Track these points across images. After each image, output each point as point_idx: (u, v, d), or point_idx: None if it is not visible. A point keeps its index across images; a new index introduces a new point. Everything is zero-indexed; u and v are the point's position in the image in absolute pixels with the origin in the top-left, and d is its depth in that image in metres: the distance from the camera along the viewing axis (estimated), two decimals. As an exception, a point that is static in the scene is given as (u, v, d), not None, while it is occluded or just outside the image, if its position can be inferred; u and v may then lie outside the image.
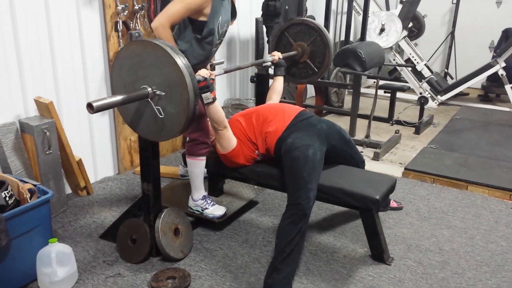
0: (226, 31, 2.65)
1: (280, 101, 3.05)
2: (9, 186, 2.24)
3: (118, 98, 1.87)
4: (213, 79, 2.36)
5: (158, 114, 1.98)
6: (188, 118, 1.95)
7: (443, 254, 2.59)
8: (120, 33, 3.25)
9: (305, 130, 2.42)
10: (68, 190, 3.17)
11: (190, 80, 1.90)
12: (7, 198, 2.18)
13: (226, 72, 2.56)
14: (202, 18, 2.47)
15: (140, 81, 1.99)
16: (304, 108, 2.66)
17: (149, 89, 1.97)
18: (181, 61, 1.90)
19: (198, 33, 2.51)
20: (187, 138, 2.69)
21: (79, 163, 3.07)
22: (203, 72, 2.29)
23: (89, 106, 1.74)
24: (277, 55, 2.99)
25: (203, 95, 2.27)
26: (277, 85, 2.97)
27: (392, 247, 2.63)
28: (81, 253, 2.50)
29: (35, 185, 2.35)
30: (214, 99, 2.34)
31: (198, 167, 2.67)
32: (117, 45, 3.27)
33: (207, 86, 2.27)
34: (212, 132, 2.65)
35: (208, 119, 2.59)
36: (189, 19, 2.48)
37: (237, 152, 2.52)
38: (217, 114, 2.38)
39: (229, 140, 2.48)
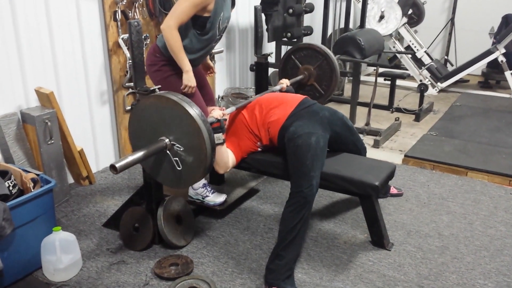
0: (226, 27, 2.66)
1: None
2: (12, 175, 2.26)
3: (139, 154, 1.94)
4: (226, 119, 2.39)
5: (176, 166, 2.04)
6: (206, 168, 2.03)
7: (442, 239, 2.62)
8: (119, 23, 3.25)
9: (307, 118, 2.43)
10: (71, 179, 3.19)
11: (206, 130, 1.97)
12: (11, 188, 2.20)
13: (237, 109, 2.60)
14: (205, 14, 2.47)
15: (158, 132, 2.04)
16: (306, 96, 2.67)
17: (167, 140, 2.02)
18: (195, 113, 1.95)
19: (198, 29, 2.51)
20: None
21: (81, 153, 3.09)
22: (216, 114, 2.32)
23: (113, 168, 1.81)
24: (285, 82, 2.99)
25: (215, 135, 2.27)
26: None
27: (392, 233, 2.66)
28: (84, 242, 2.53)
29: (38, 175, 2.37)
30: (224, 140, 2.37)
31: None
32: (116, 35, 3.27)
33: (220, 127, 2.30)
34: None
35: (201, 97, 2.62)
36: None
37: (234, 164, 2.53)
38: (222, 155, 2.39)
39: (227, 167, 2.48)
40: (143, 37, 2.48)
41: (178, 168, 2.05)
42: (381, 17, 5.51)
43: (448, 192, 3.18)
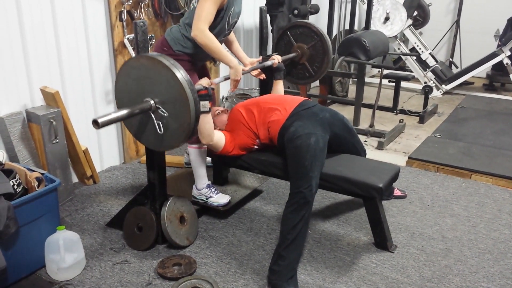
0: (235, 22, 2.66)
1: (284, 92, 3.07)
2: (17, 174, 2.27)
3: (123, 112, 1.93)
4: (213, 89, 2.40)
5: (158, 130, 2.04)
6: (188, 135, 2.03)
7: (446, 242, 2.61)
8: (124, 23, 3.26)
9: (307, 119, 2.43)
10: (75, 179, 3.20)
11: (192, 95, 1.96)
12: (15, 186, 2.21)
13: (226, 79, 2.62)
14: (218, 8, 2.48)
15: (145, 93, 2.04)
16: (306, 98, 2.67)
17: (152, 102, 2.02)
18: (182, 77, 1.94)
19: None
20: None
21: (85, 152, 3.10)
22: (204, 82, 2.34)
23: (95, 123, 1.81)
24: (277, 59, 3.00)
25: (202, 103, 2.29)
26: (279, 88, 3.01)
27: (396, 235, 2.65)
28: (88, 241, 2.54)
29: (42, 174, 2.38)
30: (210, 109, 2.39)
31: (200, 155, 2.70)
32: (122, 35, 3.28)
33: (208, 94, 2.32)
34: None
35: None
36: None
37: (228, 148, 2.55)
38: (206, 125, 2.41)
39: (217, 145, 2.52)
40: (148, 37, 2.48)
41: (159, 132, 2.04)
42: (386, 19, 5.50)
43: (452, 194, 3.18)
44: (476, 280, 2.28)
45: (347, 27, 5.34)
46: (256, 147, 2.62)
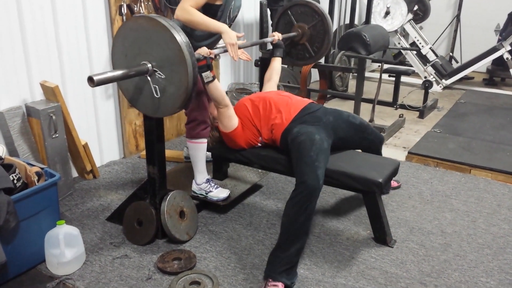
0: (236, 16, 2.64)
1: (284, 86, 3.06)
2: (17, 169, 2.27)
3: (119, 72, 1.88)
4: (213, 58, 2.35)
5: (155, 93, 1.99)
6: (186, 97, 1.97)
7: (445, 236, 2.61)
8: (124, 17, 3.25)
9: (311, 123, 2.43)
10: (75, 173, 3.20)
11: (190, 58, 1.90)
12: (15, 181, 2.21)
13: (225, 51, 2.53)
14: (218, 2, 2.46)
15: (142, 56, 1.99)
16: (312, 101, 2.66)
17: (149, 65, 1.97)
18: (181, 39, 1.88)
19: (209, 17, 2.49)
20: (186, 120, 2.70)
21: (85, 147, 3.10)
22: (203, 51, 2.28)
23: (90, 80, 1.76)
24: (277, 36, 2.98)
25: (203, 74, 2.27)
26: (276, 65, 2.99)
27: (395, 229, 2.66)
28: (88, 235, 2.55)
29: (42, 168, 2.38)
30: (214, 77, 2.35)
31: (199, 150, 2.69)
32: (121, 29, 3.27)
33: (207, 65, 2.27)
34: (214, 113, 2.67)
35: (206, 97, 2.61)
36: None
37: (238, 133, 2.53)
38: (217, 91, 2.39)
39: (230, 119, 2.49)
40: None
41: (156, 96, 2.00)
42: (387, 13, 5.49)
43: (451, 189, 3.18)
44: (475, 275, 2.29)
45: (347, 21, 5.32)
46: (259, 144, 2.61)
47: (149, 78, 2.00)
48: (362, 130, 2.65)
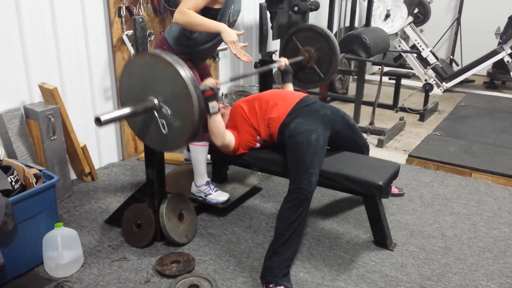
0: (236, 20, 2.64)
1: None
2: (15, 171, 2.26)
3: (126, 111, 1.91)
4: (219, 88, 2.36)
5: (162, 129, 2.00)
6: (192, 134, 1.98)
7: (445, 240, 2.60)
8: (123, 19, 3.24)
9: (308, 116, 2.42)
10: (73, 176, 3.19)
11: (195, 92, 1.91)
12: (13, 183, 2.20)
13: (232, 80, 2.55)
14: (216, 6, 2.45)
15: (148, 91, 2.00)
16: (307, 94, 2.66)
17: (156, 100, 1.98)
18: (186, 74, 1.90)
19: None
20: None
21: (84, 149, 3.09)
22: (210, 82, 2.30)
23: (97, 120, 1.79)
24: (284, 61, 2.96)
25: (210, 104, 2.27)
26: (289, 90, 2.96)
27: (395, 233, 2.64)
28: (86, 238, 2.53)
29: (40, 170, 2.37)
30: (219, 109, 2.36)
31: (200, 153, 2.68)
32: (121, 31, 3.26)
33: (214, 95, 2.28)
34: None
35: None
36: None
37: (236, 148, 2.52)
38: (218, 126, 2.37)
39: (229, 145, 2.47)
40: (147, 33, 2.47)
41: (163, 131, 2.01)
42: (387, 16, 5.48)
43: (452, 192, 3.16)
44: (476, 279, 2.27)
45: (347, 24, 5.31)
46: (258, 144, 2.60)
47: (156, 113, 2.01)
48: (354, 131, 2.65)
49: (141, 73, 2.02)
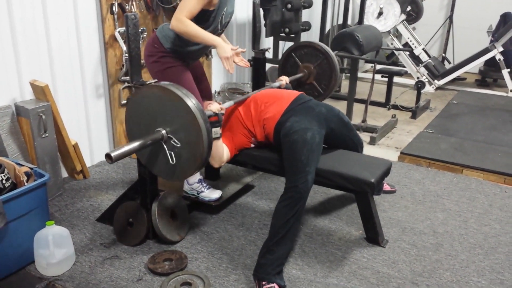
0: (228, 22, 2.63)
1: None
2: (5, 169, 2.24)
3: (135, 144, 1.93)
4: (223, 114, 2.37)
5: (170, 160, 2.02)
6: (201, 164, 2.01)
7: (437, 236, 2.62)
8: (115, 16, 3.22)
9: (303, 114, 2.42)
10: (65, 173, 3.17)
11: (204, 125, 1.93)
12: (4, 181, 2.18)
13: (236, 103, 2.57)
14: (210, 8, 2.44)
15: (156, 123, 2.02)
16: (302, 92, 2.66)
17: (164, 132, 2.00)
18: (195, 107, 1.92)
19: (201, 23, 2.48)
20: None
21: (75, 146, 3.07)
22: (214, 107, 2.29)
23: (108, 157, 1.80)
24: (285, 80, 2.96)
25: (213, 130, 2.26)
26: None
27: (387, 229, 2.65)
28: (78, 236, 2.52)
29: (31, 168, 2.35)
30: (221, 135, 2.37)
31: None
32: (113, 28, 3.25)
33: (218, 121, 2.29)
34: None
35: (200, 97, 2.60)
36: None
37: (228, 159, 2.53)
38: (218, 150, 2.38)
39: (222, 162, 2.48)
40: (140, 30, 2.46)
41: (171, 163, 2.03)
42: (380, 14, 5.49)
43: (443, 189, 3.18)
44: (467, 275, 2.29)
45: (340, 21, 5.33)
46: (252, 145, 2.60)
47: (164, 144, 2.02)
48: (349, 129, 2.66)
49: (149, 104, 2.03)
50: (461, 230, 2.68)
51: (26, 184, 2.26)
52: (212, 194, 2.74)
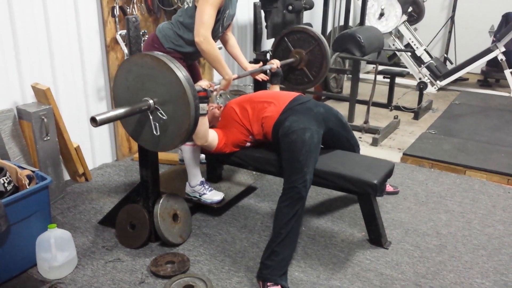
0: (229, 24, 2.65)
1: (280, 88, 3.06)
2: (7, 172, 2.24)
3: (121, 111, 1.91)
4: (212, 91, 2.39)
5: (154, 131, 2.01)
6: (186, 136, 2.00)
7: (440, 238, 2.60)
8: (117, 19, 3.23)
9: (302, 114, 2.42)
10: (67, 176, 3.17)
11: (193, 101, 1.93)
12: (6, 184, 2.18)
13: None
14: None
15: (144, 92, 2.00)
16: (300, 93, 2.66)
17: (151, 101, 1.99)
18: (186, 82, 1.91)
19: None
20: None
21: (77, 149, 3.07)
22: (204, 83, 2.31)
23: (93, 120, 1.79)
24: (276, 63, 2.99)
25: (200, 105, 2.26)
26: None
27: (390, 231, 2.64)
28: (80, 239, 2.52)
29: (33, 171, 2.35)
30: (207, 112, 2.37)
31: (193, 153, 2.67)
32: (114, 31, 3.25)
33: (206, 97, 2.29)
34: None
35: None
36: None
37: (220, 147, 2.52)
38: (202, 127, 2.37)
39: (210, 145, 2.49)
40: (141, 33, 2.46)
41: (155, 134, 2.02)
42: (381, 15, 5.49)
43: (446, 190, 3.17)
44: (470, 276, 2.28)
45: (341, 23, 5.31)
46: (249, 143, 2.60)
47: (150, 115, 2.00)
48: (347, 130, 2.66)
49: (139, 72, 2.01)
50: (464, 231, 2.67)
51: (28, 187, 2.26)
52: (214, 196, 2.73)
